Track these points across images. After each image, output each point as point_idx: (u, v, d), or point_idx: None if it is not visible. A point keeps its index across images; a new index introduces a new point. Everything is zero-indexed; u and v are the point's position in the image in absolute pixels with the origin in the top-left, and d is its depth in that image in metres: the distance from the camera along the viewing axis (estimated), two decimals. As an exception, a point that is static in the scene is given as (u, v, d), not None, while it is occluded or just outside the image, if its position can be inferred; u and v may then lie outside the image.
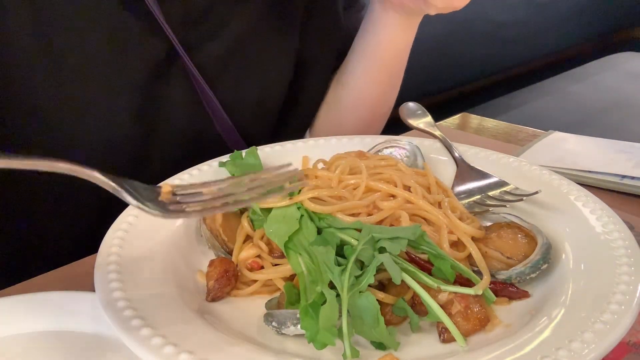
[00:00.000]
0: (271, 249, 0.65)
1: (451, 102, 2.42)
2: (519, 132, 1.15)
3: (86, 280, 0.59)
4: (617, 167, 0.92)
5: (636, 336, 0.59)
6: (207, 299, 0.61)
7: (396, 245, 0.57)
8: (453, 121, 1.25)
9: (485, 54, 2.45)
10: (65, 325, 0.60)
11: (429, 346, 0.55)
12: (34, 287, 0.67)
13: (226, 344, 0.52)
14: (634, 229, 0.67)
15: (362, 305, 0.53)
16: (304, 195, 0.65)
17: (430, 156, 0.81)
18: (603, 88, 2.22)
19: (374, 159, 0.76)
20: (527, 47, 2.63)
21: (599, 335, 0.49)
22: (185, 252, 0.66)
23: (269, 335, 0.56)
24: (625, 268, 0.56)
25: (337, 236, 0.60)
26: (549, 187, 0.72)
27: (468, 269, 0.59)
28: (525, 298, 0.59)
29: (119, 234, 0.64)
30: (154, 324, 0.52)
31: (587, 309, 0.52)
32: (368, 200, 0.66)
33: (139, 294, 0.56)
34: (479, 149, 0.83)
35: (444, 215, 0.66)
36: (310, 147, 0.85)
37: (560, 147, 1.04)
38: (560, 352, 0.47)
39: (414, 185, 0.69)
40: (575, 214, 0.67)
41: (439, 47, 2.24)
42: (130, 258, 0.61)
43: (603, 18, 2.95)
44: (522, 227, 0.65)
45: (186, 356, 0.48)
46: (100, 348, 0.58)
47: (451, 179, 0.77)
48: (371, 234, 0.58)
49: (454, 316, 0.55)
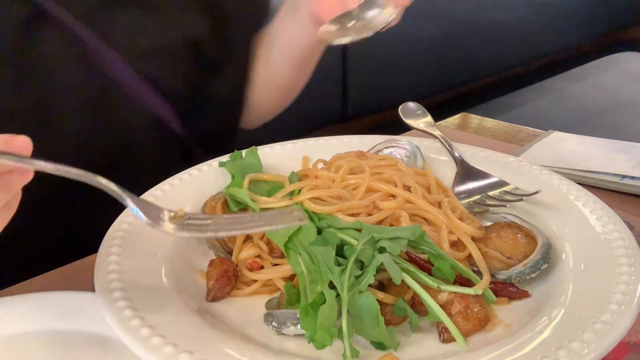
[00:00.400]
0: (271, 249, 0.65)
1: (451, 102, 2.42)
2: (519, 132, 1.15)
3: (86, 280, 0.59)
4: (617, 167, 0.92)
5: (636, 336, 0.59)
6: (207, 299, 0.61)
7: (396, 245, 0.57)
8: (453, 121, 1.25)
9: (485, 54, 2.45)
10: (65, 325, 0.60)
11: (429, 346, 0.55)
12: (34, 287, 0.67)
13: (226, 344, 0.52)
14: (634, 229, 0.67)
15: (362, 305, 0.53)
16: (304, 196, 0.65)
17: (430, 156, 0.81)
18: (603, 88, 2.22)
19: (374, 159, 0.76)
20: (527, 47, 2.63)
21: (599, 335, 0.49)
22: (185, 252, 0.66)
23: (269, 335, 0.56)
24: (625, 268, 0.56)
25: (337, 236, 0.60)
26: (549, 187, 0.72)
27: (468, 269, 0.59)
28: (525, 298, 0.60)
29: (119, 234, 0.64)
30: (154, 324, 0.52)
31: (587, 309, 0.52)
32: (368, 200, 0.66)
33: (139, 294, 0.56)
34: (478, 149, 0.83)
35: (444, 215, 0.66)
36: (310, 147, 0.85)
37: (560, 147, 1.04)
38: (560, 352, 0.47)
39: (414, 185, 0.69)
40: (575, 214, 0.67)
41: (439, 47, 2.24)
42: (130, 258, 0.61)
43: (603, 18, 2.95)
44: (522, 227, 0.65)
45: (186, 356, 0.48)
46: (100, 348, 0.58)
47: (451, 179, 0.77)
48: (371, 234, 0.58)
49: (454, 316, 0.55)
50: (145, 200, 0.50)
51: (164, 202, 0.70)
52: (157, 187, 0.73)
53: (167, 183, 0.74)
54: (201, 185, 0.75)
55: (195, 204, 0.71)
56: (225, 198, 0.71)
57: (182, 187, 0.74)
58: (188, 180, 0.76)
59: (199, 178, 0.76)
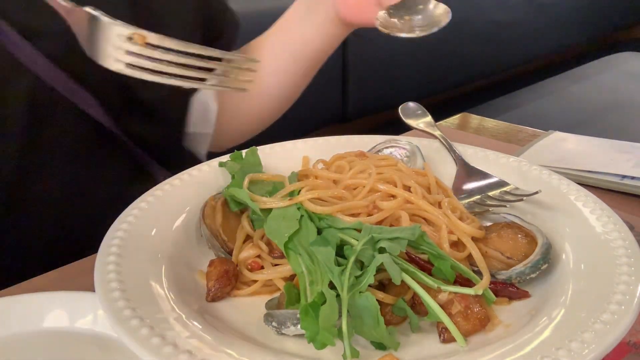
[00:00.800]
0: (271, 249, 0.65)
1: (451, 102, 2.42)
2: (519, 132, 1.15)
3: (86, 280, 0.59)
4: (617, 167, 0.92)
5: (636, 336, 0.59)
6: (207, 299, 0.61)
7: (396, 246, 0.57)
8: (453, 121, 1.25)
9: (485, 54, 2.45)
10: (65, 325, 0.60)
11: (429, 346, 0.55)
12: (34, 287, 0.67)
13: (226, 344, 0.52)
14: (634, 229, 0.67)
15: (362, 306, 0.53)
16: (303, 196, 0.65)
17: (430, 156, 0.81)
18: (603, 88, 2.22)
19: (374, 159, 0.76)
20: (527, 47, 2.63)
21: (599, 335, 0.49)
22: (185, 252, 0.66)
23: (269, 335, 0.56)
24: (625, 268, 0.56)
25: (337, 236, 0.60)
26: (549, 187, 0.72)
27: (468, 269, 0.59)
28: (525, 298, 0.59)
29: (119, 234, 0.64)
30: (154, 324, 0.52)
31: (587, 309, 0.52)
32: (368, 201, 0.66)
33: (139, 294, 0.56)
34: (478, 149, 0.83)
35: (444, 215, 0.66)
36: (310, 147, 0.84)
37: (560, 147, 1.04)
38: (560, 352, 0.47)
39: (414, 185, 0.69)
40: (575, 214, 0.67)
41: (439, 47, 2.24)
42: (130, 258, 0.61)
43: (603, 18, 2.95)
44: (522, 227, 0.65)
45: (186, 356, 0.48)
46: (101, 348, 0.58)
47: (451, 179, 0.77)
48: (371, 234, 0.58)
49: (454, 316, 0.55)
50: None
51: (165, 202, 0.71)
52: (157, 187, 0.73)
53: (167, 183, 0.74)
54: (201, 185, 0.75)
55: (195, 204, 0.71)
56: (225, 198, 0.71)
57: (182, 187, 0.74)
58: (188, 180, 0.76)
59: (199, 178, 0.76)
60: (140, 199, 0.70)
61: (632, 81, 2.24)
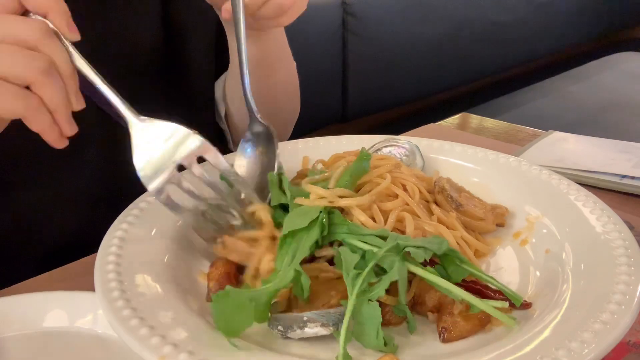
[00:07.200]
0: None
1: (451, 102, 2.43)
2: (519, 132, 1.15)
3: (86, 280, 0.59)
4: (617, 167, 0.92)
5: (636, 336, 0.59)
6: (208, 299, 0.61)
7: (421, 253, 0.55)
8: (453, 121, 1.25)
9: (485, 54, 2.45)
10: (66, 325, 0.60)
11: (429, 346, 0.55)
12: (34, 287, 0.67)
13: (226, 344, 0.52)
14: (634, 229, 0.67)
15: (366, 314, 0.52)
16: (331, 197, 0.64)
17: (429, 156, 0.81)
18: (603, 88, 2.22)
19: (373, 159, 0.75)
20: (527, 47, 2.64)
21: (599, 335, 0.49)
22: (185, 252, 0.66)
23: (269, 335, 0.55)
24: (625, 268, 0.56)
25: (359, 248, 0.58)
26: (549, 187, 0.72)
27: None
28: (527, 309, 0.58)
29: (119, 233, 0.64)
30: (154, 324, 0.52)
31: (587, 309, 0.52)
32: (370, 201, 0.66)
33: (139, 294, 0.56)
34: (478, 149, 0.82)
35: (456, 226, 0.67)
36: (310, 147, 0.85)
37: (560, 147, 1.04)
38: (560, 352, 0.47)
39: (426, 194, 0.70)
40: (575, 214, 0.67)
41: (439, 47, 2.24)
42: (130, 258, 0.61)
43: (603, 18, 2.95)
44: None
45: (186, 356, 0.48)
46: (101, 348, 0.58)
47: (451, 180, 0.77)
48: (397, 241, 0.56)
49: (455, 316, 0.55)
50: None
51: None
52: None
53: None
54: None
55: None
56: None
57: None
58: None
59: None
60: (140, 198, 0.70)
61: (632, 81, 2.24)
